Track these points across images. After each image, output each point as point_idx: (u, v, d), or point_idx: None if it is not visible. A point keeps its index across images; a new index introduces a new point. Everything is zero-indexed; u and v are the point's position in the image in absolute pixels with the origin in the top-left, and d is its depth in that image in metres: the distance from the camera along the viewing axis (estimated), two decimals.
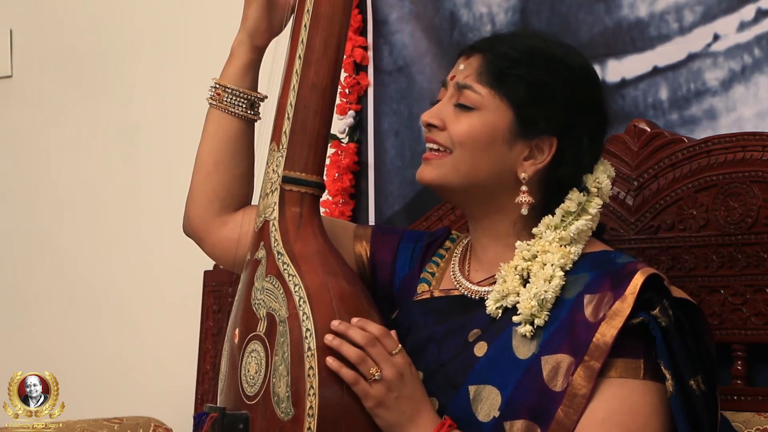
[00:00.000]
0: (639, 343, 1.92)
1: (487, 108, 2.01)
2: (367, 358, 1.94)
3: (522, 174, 2.02)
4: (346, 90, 2.96)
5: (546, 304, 1.96)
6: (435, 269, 2.17)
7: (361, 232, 2.24)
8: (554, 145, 2.02)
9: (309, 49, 2.10)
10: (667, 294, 1.95)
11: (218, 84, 2.22)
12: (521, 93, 2.00)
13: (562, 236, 2.00)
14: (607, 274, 1.96)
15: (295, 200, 2.09)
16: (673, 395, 1.89)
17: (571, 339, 1.93)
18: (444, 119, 2.04)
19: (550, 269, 1.98)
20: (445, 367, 2.01)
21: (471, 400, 1.96)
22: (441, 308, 2.09)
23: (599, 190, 2.04)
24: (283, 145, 2.11)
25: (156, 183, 3.38)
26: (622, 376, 1.92)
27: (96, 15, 3.51)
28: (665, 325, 1.91)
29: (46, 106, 3.59)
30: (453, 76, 2.06)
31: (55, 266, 3.57)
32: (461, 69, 2.05)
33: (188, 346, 3.07)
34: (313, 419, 1.94)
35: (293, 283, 2.00)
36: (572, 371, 1.91)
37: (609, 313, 1.91)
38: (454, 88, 2.05)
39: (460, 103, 2.03)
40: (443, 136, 2.04)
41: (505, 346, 1.97)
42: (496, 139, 2.01)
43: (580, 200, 2.03)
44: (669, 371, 1.90)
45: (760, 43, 2.39)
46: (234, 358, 2.08)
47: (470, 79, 2.03)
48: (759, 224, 2.24)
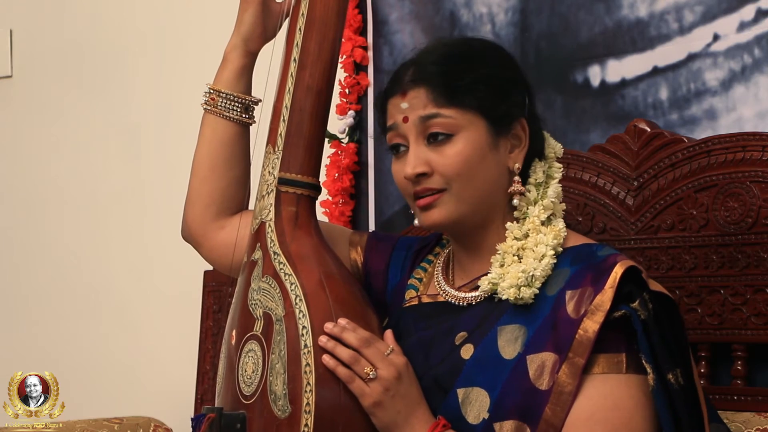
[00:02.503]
0: (620, 337, 1.92)
1: (463, 128, 1.99)
2: (360, 359, 1.95)
3: (515, 165, 2.02)
4: (346, 90, 2.96)
5: (535, 282, 1.96)
6: (423, 275, 2.16)
7: (356, 239, 2.24)
8: (525, 125, 2.03)
9: (304, 51, 2.11)
10: (646, 287, 1.95)
11: (212, 89, 2.22)
12: (483, 95, 2.00)
13: (544, 205, 2.02)
14: (588, 268, 1.96)
15: (291, 202, 2.09)
16: (654, 389, 1.90)
17: (554, 337, 1.93)
18: (428, 163, 2.00)
19: (543, 248, 1.98)
20: (434, 372, 2.01)
21: (460, 403, 1.96)
22: (428, 313, 2.09)
23: (555, 154, 2.08)
24: (279, 148, 2.11)
25: (156, 183, 3.38)
26: (605, 371, 1.92)
27: (96, 15, 3.52)
28: (644, 318, 1.91)
29: (46, 106, 3.59)
30: (405, 118, 2.01)
31: (55, 266, 3.57)
32: (406, 107, 2.01)
33: (188, 346, 3.07)
34: (310, 416, 1.94)
35: (290, 283, 2.01)
36: (557, 369, 1.91)
37: (590, 308, 1.91)
38: (417, 126, 2.00)
39: (435, 133, 1.99)
40: (434, 181, 2.00)
41: (491, 346, 1.97)
42: (484, 151, 2.00)
43: (543, 168, 2.05)
44: (649, 364, 1.90)
45: (760, 43, 2.39)
46: (231, 359, 2.08)
47: (430, 108, 2.00)
48: (759, 224, 2.24)
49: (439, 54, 2.04)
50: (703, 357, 2.31)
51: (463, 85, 1.99)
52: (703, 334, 2.30)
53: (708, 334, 2.29)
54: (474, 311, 2.03)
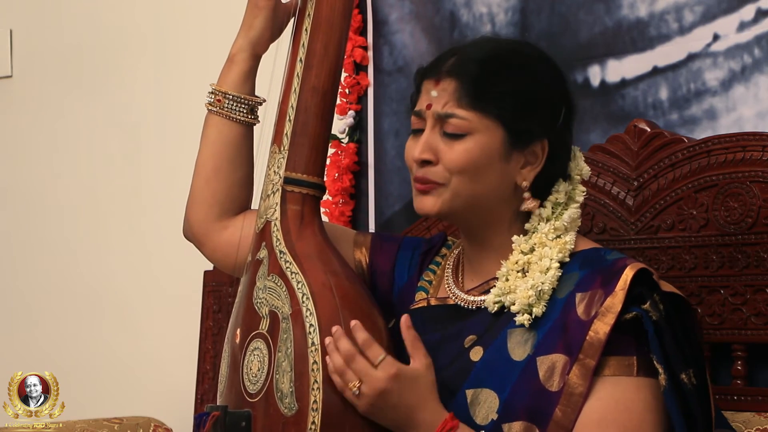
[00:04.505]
0: (631, 339, 1.93)
1: (477, 131, 1.99)
2: (347, 371, 1.95)
3: (523, 182, 2.02)
4: (346, 90, 2.96)
5: (543, 296, 1.96)
6: (432, 277, 2.16)
7: (360, 239, 2.24)
8: (546, 146, 2.02)
9: (310, 52, 2.12)
10: (657, 288, 1.95)
11: (218, 90, 2.22)
12: (508, 108, 1.99)
13: (556, 226, 2.01)
14: (598, 271, 1.96)
15: (296, 201, 2.10)
16: (666, 389, 1.90)
17: (565, 338, 1.93)
18: (436, 152, 2.01)
19: (547, 261, 1.98)
20: (441, 374, 2.00)
21: (468, 404, 1.97)
22: (437, 317, 2.09)
23: (581, 177, 2.07)
24: (285, 147, 2.12)
25: (156, 183, 3.38)
26: (616, 374, 1.92)
27: (96, 15, 3.51)
28: (656, 319, 1.92)
29: (46, 106, 3.59)
30: (429, 105, 2.02)
31: (55, 266, 3.56)
32: (434, 96, 2.01)
33: (188, 346, 3.07)
34: (317, 413, 1.95)
35: (296, 281, 2.02)
36: (568, 370, 1.91)
37: (601, 310, 1.92)
38: (435, 118, 2.01)
39: (449, 133, 2.00)
40: (437, 172, 2.01)
41: (500, 349, 1.97)
42: (493, 158, 2.00)
43: (566, 190, 2.04)
44: (661, 365, 1.90)
45: (760, 43, 2.39)
46: (235, 357, 2.08)
47: (450, 106, 2.00)
48: (759, 224, 2.24)
49: (483, 52, 2.03)
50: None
51: (490, 92, 1.98)
52: (704, 334, 2.30)
53: (708, 334, 2.29)
54: (483, 315, 2.03)
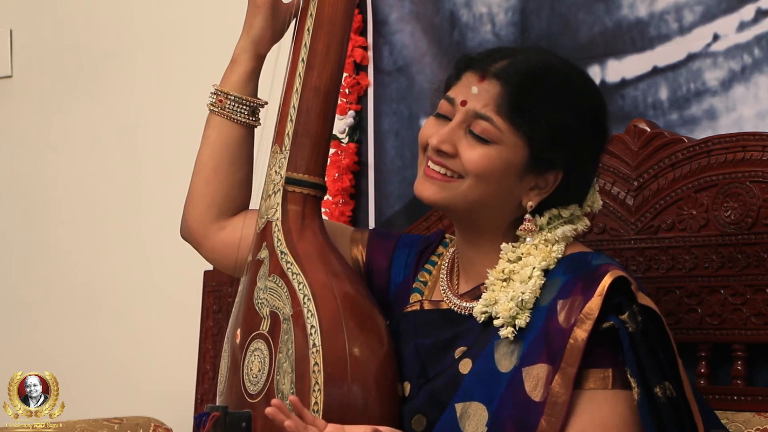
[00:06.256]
0: (608, 351, 1.92)
1: (504, 143, 1.98)
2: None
3: (528, 203, 2.01)
4: (346, 90, 2.96)
5: (526, 305, 1.96)
6: (427, 277, 2.16)
7: (357, 236, 2.24)
8: (560, 177, 2.01)
9: (312, 52, 2.12)
10: (635, 299, 1.94)
11: (220, 91, 2.22)
12: (540, 132, 1.97)
13: (547, 238, 2.01)
14: (580, 277, 1.95)
15: (297, 201, 2.10)
16: (639, 403, 1.89)
17: (548, 348, 1.92)
18: (456, 146, 2.00)
19: (529, 270, 1.97)
20: (431, 385, 2.01)
21: (458, 418, 1.96)
22: (430, 321, 2.09)
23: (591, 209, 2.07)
24: (286, 147, 2.12)
25: (156, 183, 3.38)
26: (592, 387, 1.92)
27: (96, 15, 3.51)
28: (632, 330, 1.91)
29: (46, 106, 3.59)
30: (464, 101, 2.00)
31: (54, 266, 3.56)
32: (475, 93, 1.99)
33: (188, 346, 3.07)
34: (317, 414, 1.95)
35: (297, 282, 2.02)
36: (551, 380, 1.90)
37: (580, 317, 1.91)
38: (468, 114, 1.99)
39: (476, 134, 1.99)
40: (455, 163, 2.00)
41: (488, 360, 1.97)
42: (509, 174, 1.99)
43: (573, 212, 2.04)
44: (634, 379, 1.89)
45: (760, 43, 2.39)
46: (236, 357, 2.08)
47: (489, 109, 1.98)
48: (759, 224, 2.25)
49: (533, 66, 2.00)
50: (703, 357, 2.32)
51: (529, 112, 1.97)
52: (703, 334, 2.30)
53: (708, 334, 2.30)
54: (475, 321, 2.03)
